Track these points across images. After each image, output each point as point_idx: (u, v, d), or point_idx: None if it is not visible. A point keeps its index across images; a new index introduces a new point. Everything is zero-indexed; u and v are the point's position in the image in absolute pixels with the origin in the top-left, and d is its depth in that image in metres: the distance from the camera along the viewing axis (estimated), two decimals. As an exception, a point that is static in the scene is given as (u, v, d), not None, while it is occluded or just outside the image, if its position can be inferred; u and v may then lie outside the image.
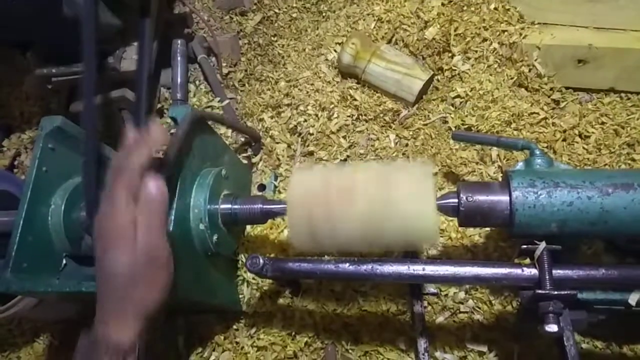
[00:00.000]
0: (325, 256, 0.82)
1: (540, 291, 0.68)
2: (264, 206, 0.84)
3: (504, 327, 0.92)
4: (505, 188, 0.73)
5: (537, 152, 0.79)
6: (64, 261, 0.89)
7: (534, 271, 0.71)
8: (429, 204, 0.72)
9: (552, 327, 0.67)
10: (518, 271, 0.72)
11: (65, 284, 0.78)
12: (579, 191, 0.69)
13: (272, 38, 1.39)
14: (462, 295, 0.96)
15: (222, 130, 1.18)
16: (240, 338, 1.00)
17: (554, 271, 0.70)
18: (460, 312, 0.95)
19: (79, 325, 1.09)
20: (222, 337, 1.01)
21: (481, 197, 0.74)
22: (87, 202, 0.85)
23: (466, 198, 0.74)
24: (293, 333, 0.99)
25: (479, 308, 0.95)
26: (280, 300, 1.02)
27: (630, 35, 1.07)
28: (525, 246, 0.72)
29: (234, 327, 1.02)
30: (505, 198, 0.73)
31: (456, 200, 0.75)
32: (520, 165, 0.80)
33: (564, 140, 1.06)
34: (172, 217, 0.76)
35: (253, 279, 1.00)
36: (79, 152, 0.94)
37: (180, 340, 1.01)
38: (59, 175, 0.90)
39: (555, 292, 0.67)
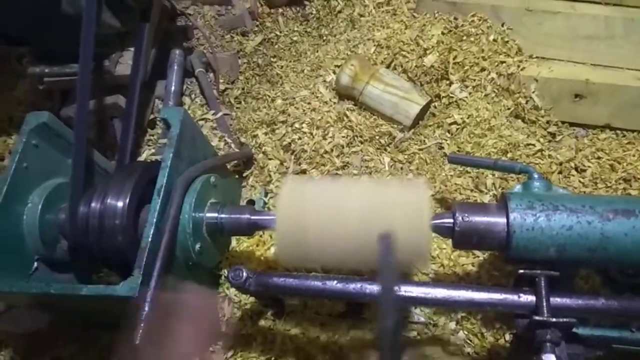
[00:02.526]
0: (312, 273, 0.78)
1: (537, 317, 0.64)
2: (252, 217, 0.80)
3: (495, 358, 0.87)
4: (503, 209, 0.71)
5: (536, 176, 0.77)
6: (35, 264, 0.84)
7: (531, 297, 0.68)
8: (423, 223, 0.69)
9: (550, 358, 0.62)
10: (514, 297, 0.69)
11: (32, 285, 0.73)
12: (578, 215, 0.67)
13: (272, 59, 1.39)
14: (452, 325, 0.92)
15: (214, 142, 1.16)
16: (217, 361, 0.94)
17: (551, 299, 0.67)
18: (451, 345, 0.91)
19: (48, 339, 1.02)
20: None
21: (477, 218, 0.71)
22: (70, 205, 0.82)
23: (462, 218, 0.72)
24: (273, 358, 0.93)
25: (470, 340, 0.90)
26: (262, 322, 0.97)
27: (626, 73, 1.08)
28: (522, 271, 0.69)
29: (210, 349, 0.96)
30: (502, 220, 0.70)
31: (451, 221, 0.72)
32: (518, 188, 0.78)
33: (560, 172, 1.04)
34: (154, 220, 0.73)
35: (235, 295, 0.95)
36: (64, 152, 0.91)
37: None
38: (40, 174, 0.86)
39: (554, 320, 0.64)
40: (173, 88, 1.20)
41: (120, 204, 0.77)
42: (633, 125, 1.09)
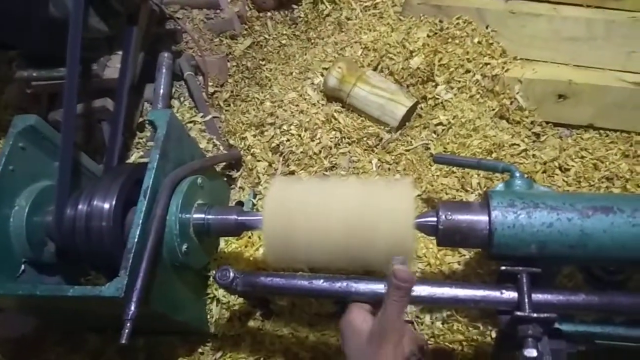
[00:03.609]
0: (300, 272, 0.79)
1: (519, 313, 0.65)
2: (239, 217, 0.81)
3: (481, 357, 0.88)
4: (485, 207, 0.72)
5: (517, 175, 0.79)
6: (23, 267, 0.84)
7: (513, 294, 0.69)
8: (407, 222, 0.70)
9: (532, 352, 0.63)
10: (497, 293, 0.70)
11: (19, 287, 0.73)
12: (558, 213, 0.68)
13: (261, 62, 1.40)
14: (439, 324, 0.93)
15: (203, 144, 1.16)
16: (205, 362, 0.94)
17: (533, 295, 0.68)
18: (437, 342, 0.91)
19: (34, 343, 1.02)
20: (185, 361, 0.95)
21: (460, 216, 0.72)
22: (57, 208, 0.82)
23: (445, 216, 0.73)
24: (262, 359, 0.94)
25: (456, 339, 0.91)
26: (251, 323, 0.97)
27: (607, 74, 1.10)
28: (504, 268, 0.70)
29: (199, 350, 0.97)
30: (484, 218, 0.71)
31: (435, 219, 0.73)
32: (500, 187, 0.79)
33: (544, 172, 1.06)
34: (140, 222, 0.73)
35: (223, 296, 0.95)
36: (51, 155, 0.92)
37: (140, 361, 0.94)
38: (27, 176, 0.86)
39: (535, 315, 0.64)
40: (162, 91, 1.20)
41: (106, 205, 0.77)
42: (616, 124, 1.11)
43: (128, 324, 0.64)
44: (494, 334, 0.90)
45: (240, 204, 1.08)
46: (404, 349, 0.60)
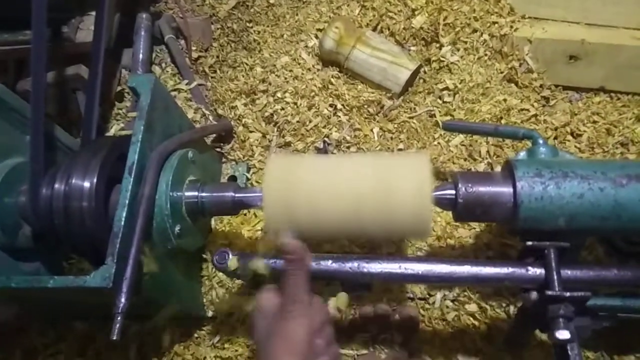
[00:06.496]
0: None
1: (550, 292, 0.60)
2: (236, 194, 0.73)
3: (495, 336, 0.84)
4: (509, 178, 0.66)
5: (541, 141, 0.73)
6: (-5, 254, 0.76)
7: (540, 271, 0.64)
8: (424, 196, 0.64)
9: (564, 334, 0.59)
10: (522, 270, 0.65)
11: (-9, 279, 0.65)
12: (590, 182, 0.63)
13: (247, 24, 1.29)
14: (449, 304, 0.88)
15: (190, 114, 1.07)
16: (203, 347, 0.89)
17: (561, 271, 0.63)
18: (451, 322, 0.87)
19: (16, 331, 0.95)
20: (181, 347, 0.89)
21: (482, 188, 0.66)
22: (31, 187, 0.73)
23: (465, 189, 0.66)
24: (262, 342, 0.88)
25: (471, 317, 0.87)
26: (249, 306, 0.91)
27: (622, 32, 1.03)
28: (531, 243, 0.65)
29: (195, 335, 0.91)
30: (508, 189, 0.65)
31: (453, 192, 0.67)
32: (523, 155, 0.73)
33: (556, 138, 1.00)
34: (126, 202, 0.65)
35: (219, 282, 0.88)
36: (21, 128, 0.82)
37: (132, 350, 0.88)
38: (-6, 153, 0.77)
39: (568, 294, 0.60)
40: (141, 56, 1.09)
41: (86, 184, 0.68)
42: (628, 87, 1.05)
43: (119, 318, 0.57)
44: (507, 310, 0.86)
45: (233, 179, 1.00)
46: (313, 319, 0.58)
